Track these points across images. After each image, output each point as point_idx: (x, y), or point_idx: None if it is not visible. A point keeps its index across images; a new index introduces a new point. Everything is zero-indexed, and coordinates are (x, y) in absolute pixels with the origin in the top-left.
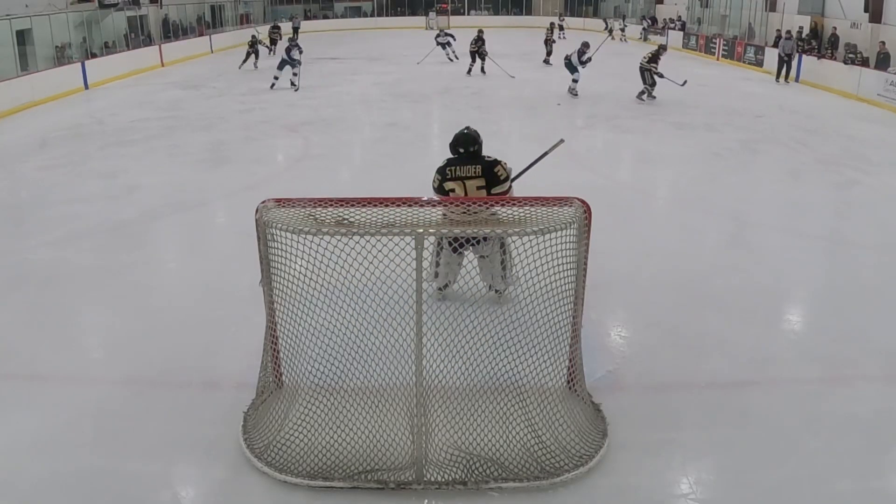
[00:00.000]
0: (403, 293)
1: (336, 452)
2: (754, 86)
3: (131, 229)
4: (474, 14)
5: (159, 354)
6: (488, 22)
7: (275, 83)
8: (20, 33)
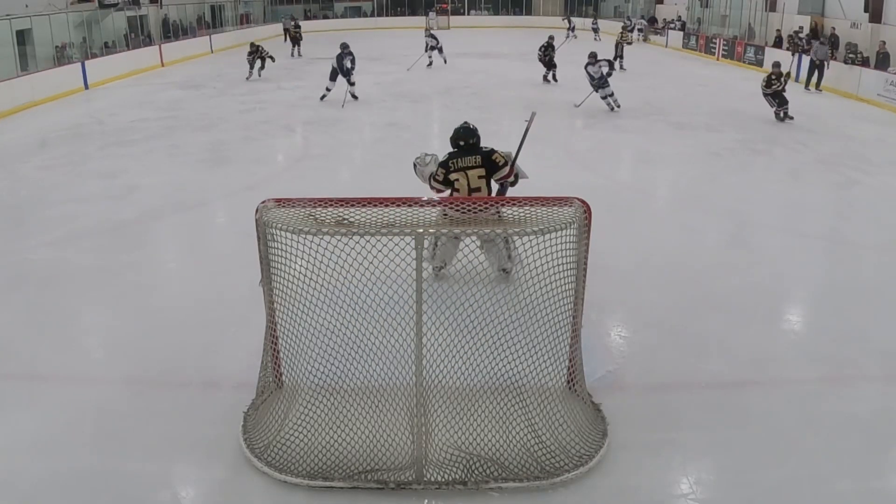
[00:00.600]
0: (403, 293)
1: (336, 452)
2: (754, 86)
3: (131, 229)
4: (474, 14)
5: (159, 354)
6: (488, 22)
7: (326, 94)
8: (20, 33)
